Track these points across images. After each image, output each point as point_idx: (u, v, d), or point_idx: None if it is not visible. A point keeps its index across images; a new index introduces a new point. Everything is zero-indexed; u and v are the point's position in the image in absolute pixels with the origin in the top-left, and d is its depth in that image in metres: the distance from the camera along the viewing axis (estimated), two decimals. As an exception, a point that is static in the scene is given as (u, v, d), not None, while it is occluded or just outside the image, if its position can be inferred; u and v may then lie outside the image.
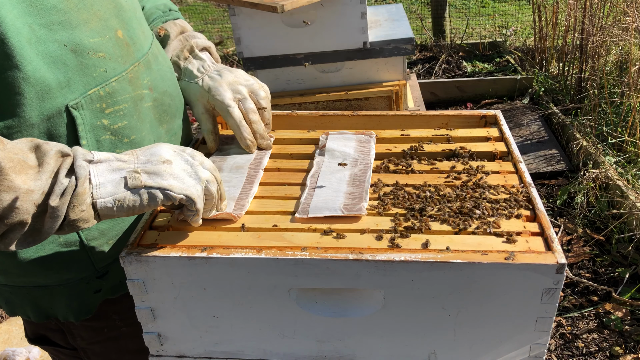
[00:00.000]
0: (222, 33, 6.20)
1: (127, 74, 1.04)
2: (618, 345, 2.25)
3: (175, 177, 0.89)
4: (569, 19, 4.02)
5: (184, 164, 0.92)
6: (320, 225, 1.02)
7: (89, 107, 0.97)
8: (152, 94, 1.11)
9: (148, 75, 1.10)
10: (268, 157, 1.25)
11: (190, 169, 0.92)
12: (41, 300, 1.10)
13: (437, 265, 0.91)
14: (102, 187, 0.85)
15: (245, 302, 1.00)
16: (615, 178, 2.86)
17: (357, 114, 1.41)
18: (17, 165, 0.79)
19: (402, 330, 1.00)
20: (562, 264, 0.89)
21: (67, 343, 1.24)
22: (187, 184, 0.90)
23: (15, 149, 0.81)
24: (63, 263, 1.05)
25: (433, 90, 4.36)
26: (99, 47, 0.99)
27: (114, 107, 1.01)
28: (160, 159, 0.90)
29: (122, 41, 1.04)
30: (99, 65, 0.98)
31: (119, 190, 0.86)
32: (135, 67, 1.06)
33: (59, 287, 1.08)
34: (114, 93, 1.01)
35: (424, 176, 1.17)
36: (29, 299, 1.10)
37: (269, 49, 2.79)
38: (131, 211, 0.87)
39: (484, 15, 6.20)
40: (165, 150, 0.92)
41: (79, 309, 1.11)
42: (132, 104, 1.05)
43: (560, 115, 3.69)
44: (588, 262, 2.69)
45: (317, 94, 2.87)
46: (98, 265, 1.09)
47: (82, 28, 0.96)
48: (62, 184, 0.82)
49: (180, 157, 0.93)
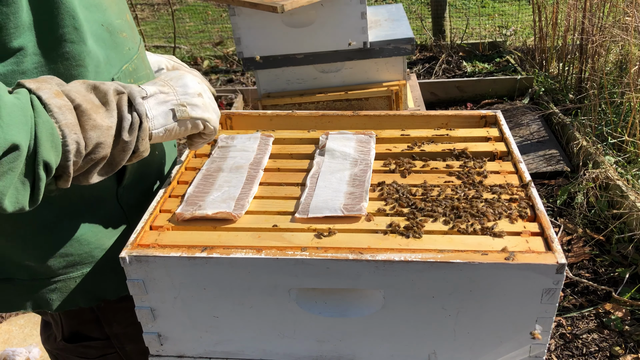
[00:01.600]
0: (222, 33, 6.20)
1: (139, 54, 1.13)
2: (618, 345, 2.25)
3: (209, 110, 1.03)
4: (569, 19, 4.02)
5: (208, 98, 1.04)
6: (321, 225, 1.02)
7: (123, 81, 1.05)
8: (151, 73, 1.22)
9: (145, 58, 1.20)
10: (268, 157, 1.25)
11: (212, 103, 1.05)
12: (91, 284, 1.12)
13: (437, 265, 0.91)
14: (155, 119, 0.95)
15: (245, 302, 1.00)
16: (615, 178, 2.86)
17: (357, 114, 1.41)
18: (92, 105, 0.86)
19: (402, 330, 1.00)
20: (562, 264, 0.89)
21: (101, 333, 1.28)
22: (214, 117, 1.04)
23: (81, 91, 0.87)
24: (111, 237, 1.11)
25: (433, 90, 4.36)
26: (122, 28, 1.07)
27: (138, 83, 1.09)
28: (195, 91, 1.01)
29: (131, 24, 1.14)
30: (124, 44, 1.08)
31: (169, 121, 0.97)
32: (141, 48, 1.16)
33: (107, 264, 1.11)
34: (137, 69, 1.11)
35: (424, 176, 1.17)
36: (78, 286, 1.12)
37: (269, 49, 2.79)
38: (175, 137, 1.01)
39: (484, 15, 6.20)
40: (194, 82, 1.03)
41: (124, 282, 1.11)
42: (146, 80, 1.14)
43: (560, 115, 3.69)
44: (588, 262, 2.69)
45: (317, 94, 2.87)
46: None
47: (109, 11, 1.04)
48: (128, 119, 0.90)
49: (205, 90, 1.04)
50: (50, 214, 1.02)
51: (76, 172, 0.86)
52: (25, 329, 2.44)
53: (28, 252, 1.05)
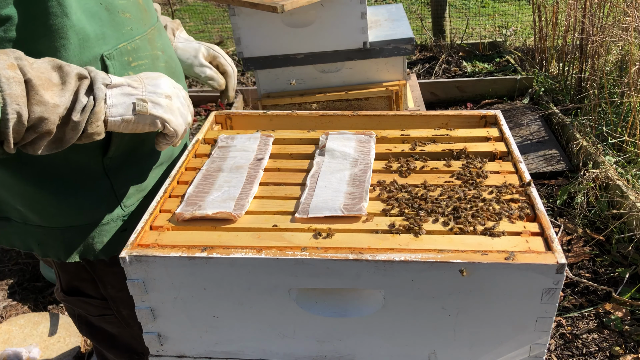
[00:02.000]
0: (222, 33, 6.20)
1: (146, 35, 1.19)
2: (618, 345, 2.25)
3: (173, 113, 1.07)
4: (569, 19, 4.02)
5: (179, 102, 1.10)
6: (321, 225, 1.02)
7: (118, 58, 1.11)
8: (164, 56, 1.26)
9: (160, 40, 1.26)
10: (268, 157, 1.25)
11: (182, 109, 1.10)
12: (73, 240, 1.21)
13: (437, 265, 0.91)
14: (114, 107, 1.00)
15: (245, 302, 1.00)
16: (615, 178, 2.86)
17: (357, 114, 1.41)
18: (45, 82, 0.91)
19: (402, 330, 1.00)
20: (562, 264, 0.89)
21: (97, 293, 1.36)
22: (179, 121, 1.09)
23: (42, 67, 0.92)
24: (94, 203, 1.19)
25: (433, 90, 4.36)
26: (126, 8, 1.13)
27: (138, 62, 1.16)
28: (164, 92, 1.06)
29: (142, 7, 1.19)
30: (126, 23, 1.13)
31: (128, 112, 1.02)
32: (152, 30, 1.22)
33: (89, 226, 1.20)
34: (138, 49, 1.16)
35: (424, 176, 1.17)
36: (62, 240, 1.21)
37: (269, 49, 2.79)
38: (132, 130, 1.05)
39: (484, 15, 6.20)
40: (167, 86, 1.08)
41: (108, 247, 1.23)
42: (150, 61, 1.19)
43: (560, 115, 3.69)
44: (588, 262, 2.69)
45: (317, 94, 2.87)
46: (125, 205, 1.23)
47: None
48: (82, 102, 0.95)
49: (177, 95, 1.10)
50: (32, 170, 1.11)
51: (21, 141, 0.93)
52: (25, 329, 2.44)
53: (15, 199, 1.16)
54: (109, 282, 1.33)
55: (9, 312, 2.69)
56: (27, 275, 2.92)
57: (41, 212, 1.18)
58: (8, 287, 2.85)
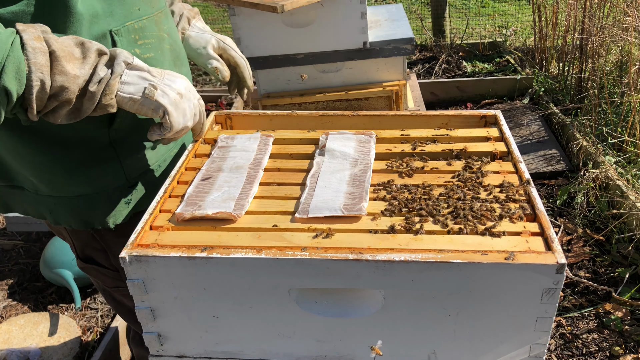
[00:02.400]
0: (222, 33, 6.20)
1: (153, 17, 1.24)
2: (618, 345, 2.25)
3: (177, 109, 1.13)
4: (569, 19, 4.02)
5: (188, 105, 1.16)
6: (321, 225, 1.02)
7: (126, 35, 1.17)
8: (169, 39, 1.31)
9: (166, 24, 1.31)
10: (268, 157, 1.25)
11: (188, 111, 1.16)
12: (81, 208, 1.28)
13: (437, 265, 0.91)
14: (126, 85, 1.07)
15: (245, 302, 1.00)
16: (615, 178, 2.86)
17: (357, 114, 1.41)
18: (68, 55, 0.98)
19: (402, 330, 1.00)
20: (562, 264, 0.89)
21: (109, 264, 1.42)
22: (180, 119, 1.14)
23: (66, 42, 1.00)
24: (100, 172, 1.25)
25: (433, 90, 4.36)
26: None
27: (144, 40, 1.22)
28: (178, 89, 1.13)
29: None
30: (134, 4, 1.19)
31: (137, 93, 1.08)
32: (159, 13, 1.27)
33: (96, 196, 1.26)
34: (145, 29, 1.22)
35: (424, 176, 1.17)
36: (71, 208, 1.27)
37: (269, 49, 2.79)
38: (137, 111, 1.11)
39: (484, 15, 6.20)
40: (183, 86, 1.15)
41: (114, 216, 1.29)
42: (157, 41, 1.26)
43: (560, 115, 3.69)
44: (588, 262, 2.69)
45: (317, 94, 2.87)
46: (130, 176, 1.28)
47: None
48: (99, 74, 1.02)
49: (189, 98, 1.16)
50: (42, 139, 1.17)
51: (43, 109, 1.00)
52: (25, 329, 2.44)
53: (27, 168, 1.23)
54: (118, 252, 1.35)
55: (9, 312, 2.69)
56: (27, 275, 2.92)
57: (50, 181, 1.24)
58: (8, 287, 2.85)
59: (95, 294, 2.74)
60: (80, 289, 2.67)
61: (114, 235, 1.35)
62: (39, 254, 3.03)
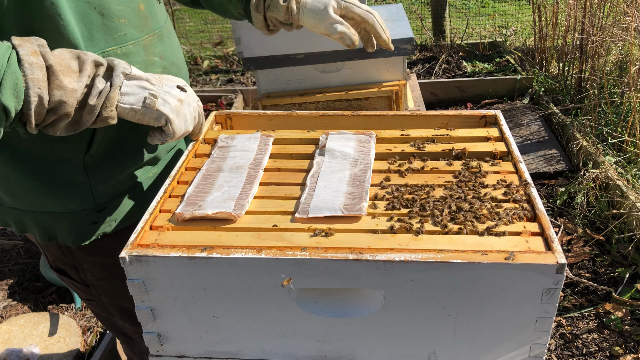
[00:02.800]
0: (222, 33, 6.20)
1: (141, 41, 1.22)
2: (618, 345, 2.25)
3: (179, 115, 1.13)
4: (569, 19, 4.02)
5: (188, 109, 1.16)
6: (320, 225, 1.02)
7: None
8: (162, 62, 1.29)
9: (160, 46, 1.28)
10: (268, 157, 1.25)
11: (188, 116, 1.16)
12: (47, 223, 1.28)
13: (437, 265, 0.91)
14: (127, 96, 1.07)
15: (245, 302, 1.00)
16: (615, 178, 2.86)
17: (357, 114, 1.41)
18: (65, 69, 0.98)
19: (402, 330, 1.00)
20: (562, 264, 0.89)
21: (80, 279, 1.41)
22: (181, 125, 1.14)
23: (62, 55, 1.00)
24: (70, 194, 1.24)
25: (433, 90, 4.36)
26: (122, 14, 1.17)
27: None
28: (178, 96, 1.12)
29: (143, 14, 1.23)
30: (120, 29, 1.17)
31: (138, 103, 1.08)
32: (150, 37, 1.25)
33: (62, 214, 1.26)
34: (130, 54, 1.20)
35: (424, 176, 1.17)
36: (36, 222, 1.28)
37: (269, 49, 2.78)
38: (139, 120, 1.10)
39: (484, 15, 6.20)
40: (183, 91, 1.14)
41: (77, 236, 1.29)
42: (143, 66, 1.22)
43: (560, 115, 3.69)
44: (588, 262, 2.69)
45: (317, 94, 2.87)
46: (98, 200, 1.27)
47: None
48: (98, 87, 1.02)
49: (188, 103, 1.16)
50: (17, 154, 1.17)
51: (42, 122, 1.00)
52: (25, 329, 2.44)
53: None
54: (87, 269, 1.38)
55: (9, 312, 2.69)
56: (27, 275, 2.92)
57: (18, 195, 1.24)
58: (8, 287, 2.85)
59: (95, 294, 2.74)
60: (80, 289, 2.66)
61: (85, 252, 1.33)
62: (39, 254, 3.03)
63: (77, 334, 2.43)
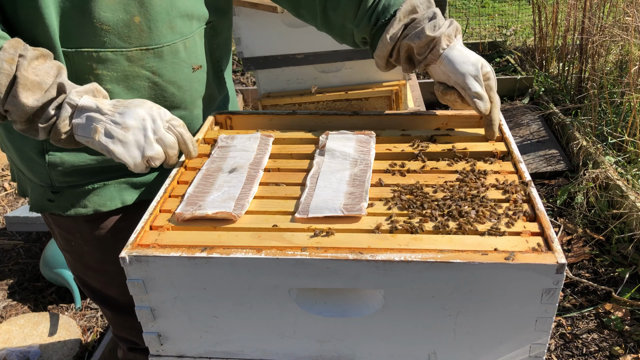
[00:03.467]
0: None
1: (126, 52, 1.21)
2: (618, 345, 2.25)
3: (124, 144, 1.12)
4: (569, 19, 4.02)
5: (141, 135, 1.13)
6: (320, 225, 1.02)
7: (78, 60, 1.19)
8: (154, 77, 1.27)
9: (156, 62, 1.26)
10: (268, 157, 1.25)
11: (143, 141, 1.13)
12: (21, 181, 1.42)
13: (437, 265, 0.91)
14: (79, 128, 1.11)
15: (245, 302, 1.00)
16: (615, 178, 2.86)
17: (357, 113, 1.41)
18: (30, 84, 1.06)
19: (402, 330, 1.00)
20: (562, 264, 0.89)
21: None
22: (130, 153, 1.12)
23: (42, 70, 1.08)
24: (33, 168, 1.33)
25: (433, 90, 4.35)
26: (106, 20, 1.17)
27: (103, 72, 1.21)
28: (125, 124, 1.11)
29: (137, 26, 1.20)
30: (99, 34, 1.17)
31: (87, 133, 1.11)
32: (141, 50, 1.23)
33: (29, 180, 1.38)
34: (107, 61, 1.20)
35: (424, 176, 1.17)
36: (16, 175, 1.43)
37: (269, 49, 2.78)
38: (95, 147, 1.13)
39: (484, 15, 6.20)
40: (136, 116, 1.12)
41: (34, 204, 1.39)
42: (122, 75, 1.23)
43: (560, 115, 3.69)
44: (588, 262, 2.69)
45: (317, 94, 2.87)
46: (55, 182, 1.33)
47: (99, 2, 1.15)
48: (48, 113, 1.09)
49: (143, 128, 1.13)
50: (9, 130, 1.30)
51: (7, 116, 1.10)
52: (25, 329, 2.44)
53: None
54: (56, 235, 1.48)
55: (9, 312, 2.69)
56: (27, 275, 2.92)
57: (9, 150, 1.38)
58: (8, 287, 2.85)
59: (95, 294, 2.74)
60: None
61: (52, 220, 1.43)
62: (39, 254, 3.03)
63: (77, 334, 2.43)
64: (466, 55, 1.27)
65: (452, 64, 1.25)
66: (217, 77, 1.45)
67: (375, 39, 1.30)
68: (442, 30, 1.27)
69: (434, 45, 1.26)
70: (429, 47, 1.26)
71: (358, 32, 1.33)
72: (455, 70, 1.25)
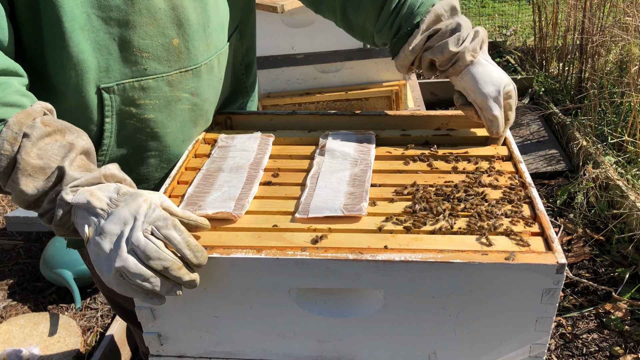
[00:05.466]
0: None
1: (167, 77, 1.18)
2: (618, 345, 2.25)
3: (98, 257, 0.90)
4: (569, 19, 4.02)
5: (109, 245, 0.89)
6: (321, 225, 1.02)
7: (120, 93, 1.13)
8: (193, 99, 1.24)
9: (194, 82, 1.23)
10: (268, 157, 1.25)
11: (114, 252, 0.88)
12: None
13: (437, 265, 0.91)
14: (80, 226, 0.93)
15: (245, 302, 1.00)
16: (615, 178, 2.86)
17: (357, 113, 1.41)
18: (31, 169, 0.93)
19: (402, 330, 1.00)
20: (562, 264, 0.89)
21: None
22: (100, 267, 0.91)
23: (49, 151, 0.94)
24: None
25: (433, 90, 4.35)
26: (146, 48, 1.13)
27: (146, 101, 1.16)
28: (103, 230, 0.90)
29: (176, 49, 1.17)
30: (140, 62, 1.13)
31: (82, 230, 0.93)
32: (181, 73, 1.19)
33: None
34: (149, 89, 1.16)
35: (424, 176, 1.17)
36: None
37: (269, 49, 2.78)
38: None
39: (484, 15, 6.20)
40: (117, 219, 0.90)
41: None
42: (164, 102, 1.19)
43: (560, 115, 3.69)
44: (588, 262, 2.69)
45: (317, 94, 2.87)
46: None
47: (137, 29, 1.10)
48: (44, 207, 0.96)
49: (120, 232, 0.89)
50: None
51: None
52: (25, 329, 2.44)
53: None
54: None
55: (9, 312, 2.69)
56: (27, 275, 2.92)
57: None
58: (8, 287, 2.85)
59: (96, 294, 2.74)
60: (81, 289, 2.67)
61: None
62: (39, 254, 3.03)
63: (77, 334, 2.43)
64: (489, 73, 1.23)
65: (474, 81, 1.22)
66: (239, 83, 1.45)
67: (396, 47, 1.28)
68: (466, 45, 1.22)
69: (456, 59, 1.23)
70: (452, 61, 1.23)
71: (379, 36, 1.31)
72: (476, 90, 1.22)
